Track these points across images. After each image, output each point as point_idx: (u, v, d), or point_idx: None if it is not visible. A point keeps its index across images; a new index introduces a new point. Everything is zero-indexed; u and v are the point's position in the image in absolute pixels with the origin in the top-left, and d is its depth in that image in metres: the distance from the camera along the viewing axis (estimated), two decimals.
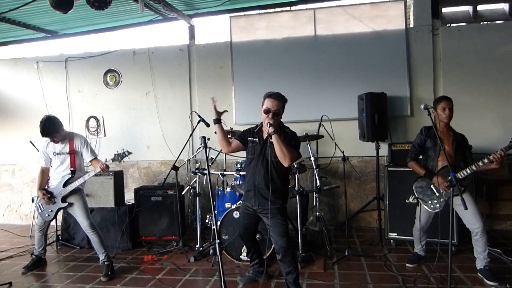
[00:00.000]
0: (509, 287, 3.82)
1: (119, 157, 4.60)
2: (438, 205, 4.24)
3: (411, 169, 4.44)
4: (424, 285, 4.01)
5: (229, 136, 5.21)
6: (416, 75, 5.98)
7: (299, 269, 3.78)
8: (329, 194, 6.19)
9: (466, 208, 3.51)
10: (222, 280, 2.76)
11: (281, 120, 3.73)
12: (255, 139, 3.80)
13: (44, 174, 4.81)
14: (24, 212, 7.27)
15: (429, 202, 4.27)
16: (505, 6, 5.95)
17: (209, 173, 3.07)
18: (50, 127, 4.57)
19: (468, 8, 6.04)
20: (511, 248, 4.95)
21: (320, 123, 5.22)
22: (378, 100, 5.56)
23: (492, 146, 5.18)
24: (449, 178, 3.64)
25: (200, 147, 5.74)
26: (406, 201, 5.11)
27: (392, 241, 5.23)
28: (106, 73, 6.80)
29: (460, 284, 4.00)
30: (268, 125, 3.51)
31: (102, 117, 6.81)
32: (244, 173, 5.07)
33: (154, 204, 5.65)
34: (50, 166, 4.79)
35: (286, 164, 3.52)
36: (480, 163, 3.91)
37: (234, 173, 5.03)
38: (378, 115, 5.48)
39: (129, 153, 4.65)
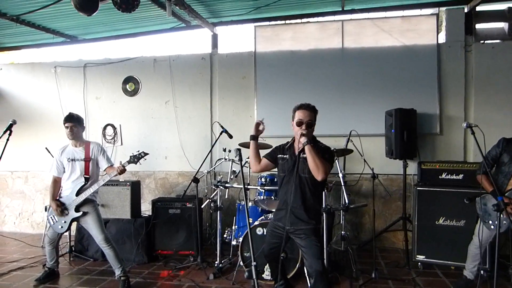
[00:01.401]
0: None
1: (135, 158, 4.42)
2: (500, 227, 3.83)
3: (445, 190, 4.22)
4: None
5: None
6: (446, 92, 5.77)
7: None
8: (352, 212, 5.96)
9: None
10: None
11: None
12: (285, 156, 3.61)
13: (57, 183, 4.64)
14: (36, 220, 7.08)
15: (490, 222, 3.94)
16: None
17: (245, 188, 2.88)
18: (76, 116, 4.62)
19: (503, 25, 5.83)
20: None
21: (349, 138, 5.01)
22: (408, 116, 5.36)
23: None
24: (497, 202, 3.42)
25: (221, 159, 5.65)
26: (436, 222, 4.87)
27: (419, 263, 4.97)
28: (125, 81, 6.65)
29: None
30: (301, 136, 3.34)
31: (120, 125, 6.65)
32: (268, 187, 4.90)
33: (172, 217, 5.46)
34: (62, 175, 4.61)
35: (319, 178, 3.32)
36: None
37: (258, 187, 4.83)
38: (407, 132, 5.27)
39: (145, 154, 4.48)
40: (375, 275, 4.57)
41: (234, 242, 5.06)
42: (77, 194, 4.43)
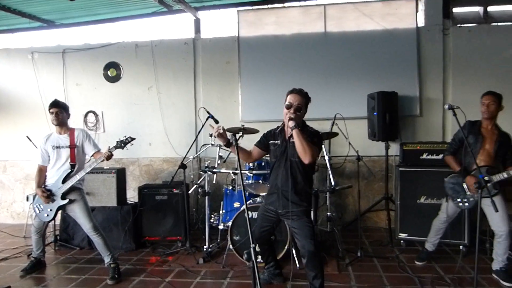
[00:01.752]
0: None
1: (122, 143, 4.38)
2: (467, 204, 4.17)
3: (425, 169, 4.40)
4: (442, 287, 3.96)
5: (240, 134, 5.11)
6: (425, 75, 5.93)
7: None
8: (336, 194, 6.09)
9: (496, 210, 3.49)
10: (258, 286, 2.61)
11: None
12: (276, 141, 3.64)
13: (42, 172, 4.56)
14: (16, 210, 6.96)
15: (458, 199, 4.20)
16: None
17: (241, 172, 2.91)
18: (62, 103, 4.60)
19: (478, 9, 6.01)
20: None
21: (334, 122, 5.11)
22: (390, 99, 5.50)
23: None
24: (478, 179, 3.59)
25: (207, 145, 5.66)
26: (418, 201, 5.05)
27: (402, 241, 5.17)
28: (106, 66, 6.53)
29: (477, 285, 3.95)
30: (289, 119, 3.38)
31: (102, 112, 6.55)
32: (256, 172, 4.95)
33: (159, 203, 5.45)
34: (48, 164, 4.53)
35: (306, 161, 3.36)
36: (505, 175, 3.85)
37: (246, 171, 4.88)
38: (389, 115, 5.41)
39: (132, 138, 4.43)
40: (361, 254, 4.75)
41: (221, 227, 5.12)
42: (63, 181, 4.37)
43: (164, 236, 5.43)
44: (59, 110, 4.47)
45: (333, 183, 4.80)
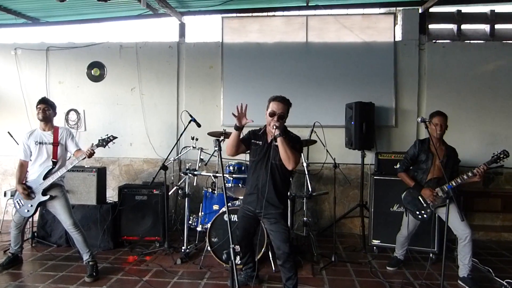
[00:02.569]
0: None
1: (104, 142, 4.43)
2: (425, 215, 4.46)
3: (399, 178, 4.62)
4: None
5: (221, 138, 5.21)
6: (402, 87, 6.17)
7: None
8: (312, 200, 6.25)
9: (462, 219, 3.74)
10: (237, 285, 2.73)
11: None
12: (258, 142, 3.78)
13: (23, 167, 4.56)
14: None
15: (417, 212, 4.48)
16: (486, 27, 6.25)
17: (224, 175, 3.03)
18: (51, 101, 4.64)
19: (452, 27, 6.29)
20: (485, 257, 5.19)
21: (313, 129, 5.27)
22: (367, 109, 5.70)
23: (471, 159, 5.47)
24: (446, 190, 3.82)
25: (188, 147, 5.74)
26: (391, 209, 5.26)
27: (375, 248, 5.36)
28: (90, 66, 6.56)
29: None
30: (274, 128, 3.50)
31: (84, 110, 6.56)
32: (236, 176, 5.07)
33: (139, 204, 5.50)
34: (30, 160, 4.54)
35: (290, 167, 3.54)
36: (465, 176, 4.16)
37: (227, 175, 4.99)
38: (365, 124, 5.61)
39: (114, 137, 4.47)
40: (335, 259, 4.90)
41: (199, 228, 5.20)
42: (44, 178, 4.40)
43: (143, 236, 5.48)
44: (47, 106, 4.52)
45: (310, 189, 4.96)
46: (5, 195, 5.98)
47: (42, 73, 6.63)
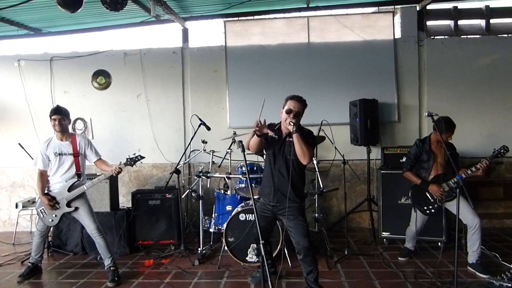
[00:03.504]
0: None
1: (132, 161, 4.52)
2: (433, 210, 4.63)
3: (406, 177, 4.79)
4: (424, 280, 4.28)
5: (232, 140, 5.35)
6: (403, 83, 6.33)
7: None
8: (321, 196, 6.38)
9: (472, 207, 3.92)
10: (269, 281, 2.85)
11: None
12: (275, 136, 3.88)
13: (43, 177, 4.60)
14: (2, 218, 6.89)
15: (425, 207, 4.65)
16: (481, 22, 6.44)
17: (249, 177, 3.13)
18: (64, 109, 4.60)
19: (449, 23, 6.48)
20: (491, 244, 5.33)
21: (320, 127, 5.41)
22: (371, 106, 5.85)
23: (470, 152, 5.68)
24: (455, 180, 4.00)
25: (198, 151, 5.84)
26: (399, 202, 5.41)
27: (385, 240, 5.51)
28: (95, 74, 6.61)
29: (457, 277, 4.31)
30: (291, 124, 3.62)
31: (90, 119, 6.62)
32: (250, 176, 5.16)
33: (152, 208, 5.58)
34: (49, 169, 4.59)
35: (305, 162, 3.67)
36: (469, 171, 4.36)
37: (240, 176, 5.10)
38: (370, 121, 5.76)
39: (142, 157, 4.56)
40: (348, 252, 5.04)
41: (212, 230, 5.32)
42: (70, 189, 4.48)
43: (157, 240, 5.56)
44: (62, 117, 4.52)
45: (321, 186, 5.09)
46: (16, 206, 6.03)
47: (46, 83, 6.67)
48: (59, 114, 4.51)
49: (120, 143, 6.45)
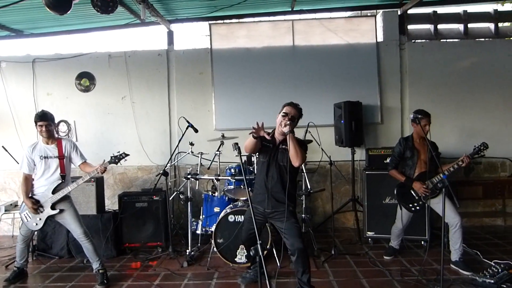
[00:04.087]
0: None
1: (116, 159, 4.51)
2: (418, 208, 4.76)
3: (391, 175, 4.91)
4: (410, 278, 4.38)
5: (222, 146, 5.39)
6: (385, 86, 6.49)
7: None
8: (307, 197, 6.45)
9: (458, 205, 4.05)
10: (267, 281, 2.91)
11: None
12: (269, 144, 3.95)
13: (28, 181, 4.53)
14: None
15: (410, 205, 4.77)
16: (460, 27, 6.66)
17: (245, 179, 3.17)
18: (49, 114, 4.52)
19: (429, 27, 6.68)
20: (471, 242, 5.49)
21: (307, 130, 5.48)
22: (355, 108, 5.96)
23: (450, 152, 5.83)
24: (441, 179, 4.12)
25: (185, 153, 5.85)
26: (383, 202, 5.53)
27: (370, 239, 5.62)
28: (78, 76, 6.54)
29: (439, 275, 4.41)
30: (286, 126, 3.70)
31: (74, 121, 6.54)
32: (237, 178, 5.20)
33: (139, 210, 5.56)
34: (34, 173, 4.54)
35: (297, 164, 3.74)
36: (451, 168, 4.51)
37: (229, 177, 5.13)
38: (355, 122, 5.87)
39: (126, 155, 4.57)
40: (335, 252, 5.11)
41: (198, 231, 5.32)
42: (53, 191, 4.42)
43: (144, 243, 5.54)
44: (48, 123, 4.47)
45: (309, 187, 5.17)
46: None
47: (29, 86, 6.56)
48: (45, 120, 4.45)
49: (105, 145, 6.39)
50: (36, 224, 4.50)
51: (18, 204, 6.22)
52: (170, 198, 5.48)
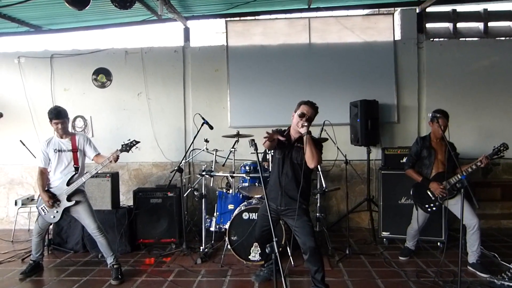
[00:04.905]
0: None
1: (127, 147, 4.55)
2: (434, 208, 4.69)
3: (408, 175, 4.85)
4: (426, 279, 4.33)
5: (236, 139, 5.37)
6: (402, 85, 6.41)
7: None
8: (321, 196, 6.42)
9: (478, 206, 3.97)
10: (282, 278, 2.90)
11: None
12: (285, 141, 3.93)
13: (44, 175, 4.60)
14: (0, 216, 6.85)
15: (426, 205, 4.70)
16: (480, 25, 6.56)
17: (262, 175, 3.15)
18: (63, 111, 4.58)
19: (448, 25, 6.59)
20: (489, 244, 5.40)
21: (322, 128, 5.43)
22: (371, 107, 5.91)
23: (468, 153, 5.73)
24: (460, 180, 4.06)
25: (199, 150, 5.84)
26: (399, 202, 5.46)
27: (385, 239, 5.56)
28: (95, 72, 6.60)
29: (457, 277, 4.34)
30: (303, 127, 3.68)
31: (90, 117, 6.60)
32: (252, 175, 5.19)
33: (154, 207, 5.58)
34: (49, 167, 4.59)
35: (312, 165, 3.70)
36: (469, 169, 4.42)
37: (244, 175, 5.11)
38: (371, 121, 5.82)
39: (137, 142, 4.61)
40: (349, 252, 5.07)
41: (212, 229, 5.32)
42: (68, 183, 4.47)
43: (159, 239, 5.56)
44: (63, 120, 4.53)
45: (324, 186, 5.13)
46: (16, 204, 6.00)
47: (47, 81, 6.63)
48: (60, 118, 4.51)
49: (120, 141, 6.15)
50: (54, 217, 4.56)
51: (35, 198, 6.29)
52: (185, 195, 5.47)
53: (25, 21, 6.21)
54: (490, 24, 6.51)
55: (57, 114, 4.51)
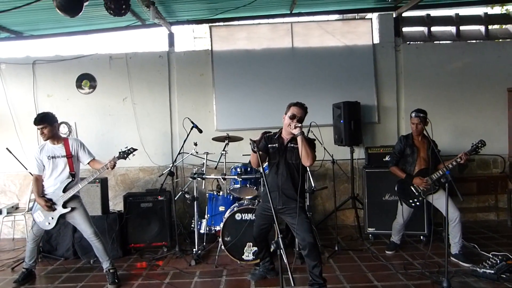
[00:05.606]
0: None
1: (125, 154, 4.58)
2: (418, 203, 4.93)
3: (389, 170, 5.08)
4: (414, 271, 4.54)
5: (226, 142, 5.47)
6: (382, 86, 6.67)
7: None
8: (309, 195, 6.58)
9: (462, 199, 4.21)
10: (290, 272, 3.01)
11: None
12: (275, 145, 4.07)
13: (38, 182, 4.56)
14: None
15: (410, 201, 4.93)
16: (452, 29, 6.91)
17: (263, 175, 3.27)
18: (45, 115, 4.51)
19: (423, 29, 6.91)
20: (468, 236, 5.65)
21: (309, 129, 5.59)
22: (354, 108, 6.12)
23: (445, 150, 5.95)
24: (445, 174, 4.29)
25: (187, 153, 5.90)
26: (383, 198, 5.70)
27: (370, 235, 5.77)
28: (79, 78, 6.55)
29: (442, 267, 4.54)
30: (296, 128, 3.82)
31: (75, 123, 6.53)
32: (244, 177, 5.29)
33: (144, 211, 5.61)
34: (44, 173, 4.55)
35: (308, 164, 3.86)
36: (454, 162, 4.67)
37: (235, 177, 5.21)
38: (353, 122, 6.03)
39: (134, 149, 4.62)
40: (338, 248, 5.25)
41: (202, 231, 5.38)
42: (64, 190, 4.46)
43: (150, 242, 5.59)
44: (44, 125, 4.45)
45: (313, 185, 5.30)
46: (0, 212, 5.87)
47: (29, 87, 6.54)
48: (42, 122, 4.45)
49: (106, 147, 6.38)
50: (49, 223, 4.52)
51: (20, 207, 6.20)
52: (176, 198, 5.52)
53: (6, 27, 6.12)
54: (462, 27, 6.88)
55: (40, 119, 4.46)
